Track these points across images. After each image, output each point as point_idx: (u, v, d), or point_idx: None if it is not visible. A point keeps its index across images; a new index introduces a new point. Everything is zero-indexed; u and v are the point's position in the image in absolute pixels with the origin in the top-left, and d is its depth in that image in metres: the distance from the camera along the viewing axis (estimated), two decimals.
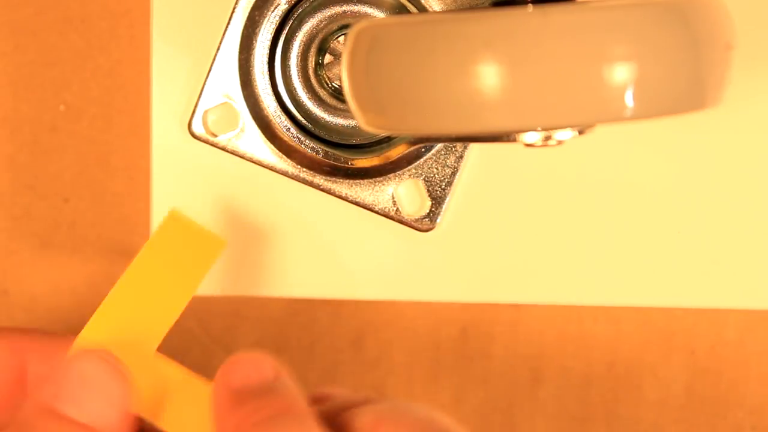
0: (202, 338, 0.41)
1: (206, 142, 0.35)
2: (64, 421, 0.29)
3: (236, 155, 0.35)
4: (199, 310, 0.39)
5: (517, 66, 0.24)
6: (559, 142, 0.26)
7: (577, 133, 0.26)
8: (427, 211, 0.35)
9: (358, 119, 0.27)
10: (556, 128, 0.26)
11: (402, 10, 0.34)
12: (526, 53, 0.24)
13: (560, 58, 0.24)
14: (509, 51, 0.24)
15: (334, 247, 0.36)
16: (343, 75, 0.27)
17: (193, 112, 0.35)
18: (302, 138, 0.34)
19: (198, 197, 0.36)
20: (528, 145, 0.26)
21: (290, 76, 0.35)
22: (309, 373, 0.44)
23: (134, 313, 0.31)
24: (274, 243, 0.36)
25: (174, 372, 0.31)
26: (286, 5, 0.34)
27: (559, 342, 0.44)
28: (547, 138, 0.26)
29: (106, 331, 0.30)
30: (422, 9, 0.33)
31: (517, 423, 0.44)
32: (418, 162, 0.35)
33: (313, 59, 0.35)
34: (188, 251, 0.31)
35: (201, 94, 0.35)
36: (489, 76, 0.24)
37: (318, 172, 0.35)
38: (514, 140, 0.27)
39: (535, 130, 0.26)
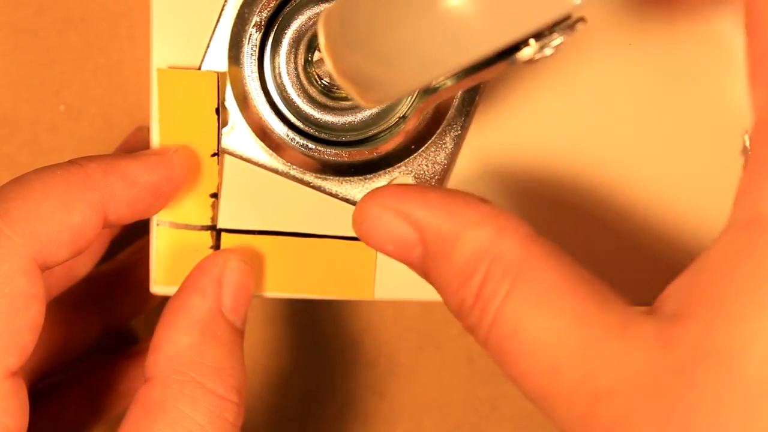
0: None
1: None
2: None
3: (226, 153, 0.35)
4: None
5: None
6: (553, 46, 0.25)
7: (569, 28, 0.25)
8: None
9: (350, 92, 0.27)
10: (541, 27, 0.25)
11: None
12: None
13: None
14: None
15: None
16: (322, 47, 0.26)
17: None
18: (292, 135, 0.34)
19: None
20: (527, 62, 0.25)
21: (280, 74, 0.35)
22: (309, 373, 0.44)
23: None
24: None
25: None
26: (275, 2, 0.34)
27: None
28: (543, 46, 0.25)
29: None
30: None
31: (519, 422, 0.44)
32: (408, 159, 0.34)
33: (303, 57, 0.34)
34: (192, 91, 0.34)
35: None
36: None
37: (308, 170, 0.35)
38: (514, 62, 0.26)
39: (524, 40, 0.25)
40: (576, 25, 0.26)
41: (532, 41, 0.25)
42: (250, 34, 0.34)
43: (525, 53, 0.25)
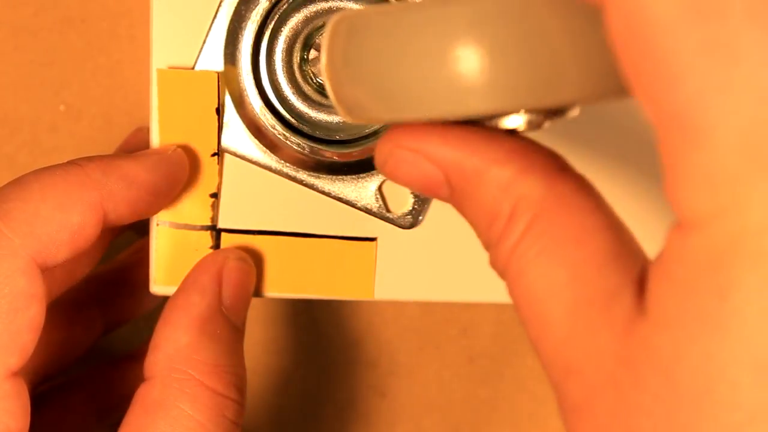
0: None
1: None
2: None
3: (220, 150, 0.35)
4: None
5: (500, 47, 0.24)
6: (539, 125, 0.25)
7: (560, 114, 0.26)
8: (410, 208, 0.35)
9: (339, 110, 0.27)
10: (539, 109, 0.25)
11: (384, 2, 0.34)
12: (508, 34, 0.24)
13: (541, 37, 0.24)
14: (490, 32, 0.24)
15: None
16: (322, 67, 0.26)
17: None
18: (286, 133, 0.34)
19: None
20: (509, 131, 0.26)
21: (275, 71, 0.35)
22: (309, 373, 0.43)
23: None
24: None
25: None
26: (267, 3, 0.34)
27: None
28: (530, 123, 0.25)
29: None
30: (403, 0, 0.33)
31: (520, 422, 0.44)
32: None
33: (298, 55, 0.34)
34: (192, 91, 0.34)
35: None
36: (470, 59, 0.24)
37: (302, 167, 0.35)
38: (495, 126, 0.26)
39: (518, 112, 0.25)
40: (568, 114, 0.26)
41: (522, 116, 0.25)
42: (246, 32, 0.34)
43: (509, 123, 0.25)
